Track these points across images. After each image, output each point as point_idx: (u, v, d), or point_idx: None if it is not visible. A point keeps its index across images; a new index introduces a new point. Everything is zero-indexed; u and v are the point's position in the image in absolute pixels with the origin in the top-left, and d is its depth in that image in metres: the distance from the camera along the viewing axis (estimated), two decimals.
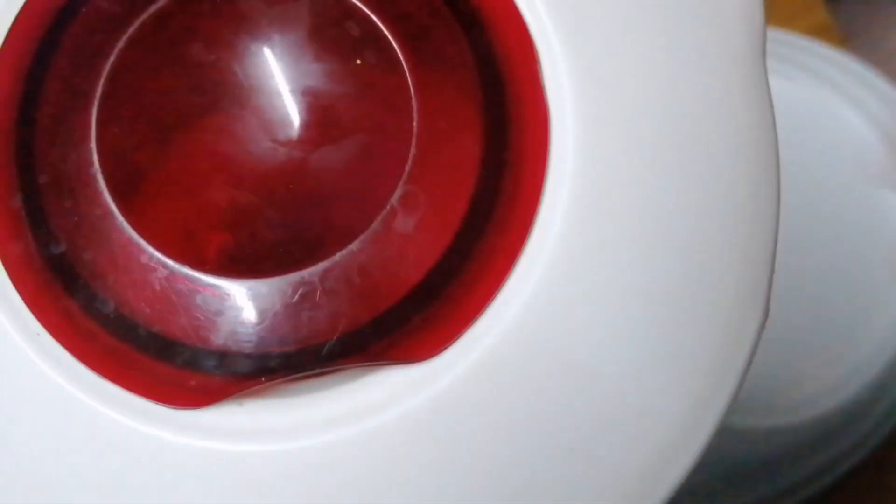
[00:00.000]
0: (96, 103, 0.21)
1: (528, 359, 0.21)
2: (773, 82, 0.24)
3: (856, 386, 0.51)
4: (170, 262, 0.21)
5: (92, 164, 0.21)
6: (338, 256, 0.21)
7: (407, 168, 0.21)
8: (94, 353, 0.21)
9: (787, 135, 0.25)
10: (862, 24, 0.71)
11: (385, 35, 0.21)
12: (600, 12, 0.22)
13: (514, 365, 0.21)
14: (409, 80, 0.21)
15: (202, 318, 0.21)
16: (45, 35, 0.22)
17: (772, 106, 0.24)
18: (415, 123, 0.21)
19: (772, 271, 0.24)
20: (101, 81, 0.21)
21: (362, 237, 0.21)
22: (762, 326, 0.23)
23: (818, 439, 0.52)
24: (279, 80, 0.22)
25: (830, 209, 0.55)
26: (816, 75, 0.57)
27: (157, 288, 0.21)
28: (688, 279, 0.22)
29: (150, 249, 0.21)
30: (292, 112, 0.22)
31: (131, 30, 0.22)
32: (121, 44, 0.21)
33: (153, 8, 0.22)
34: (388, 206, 0.21)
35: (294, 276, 0.21)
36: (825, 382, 0.52)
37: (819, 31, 0.63)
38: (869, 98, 0.57)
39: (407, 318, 0.21)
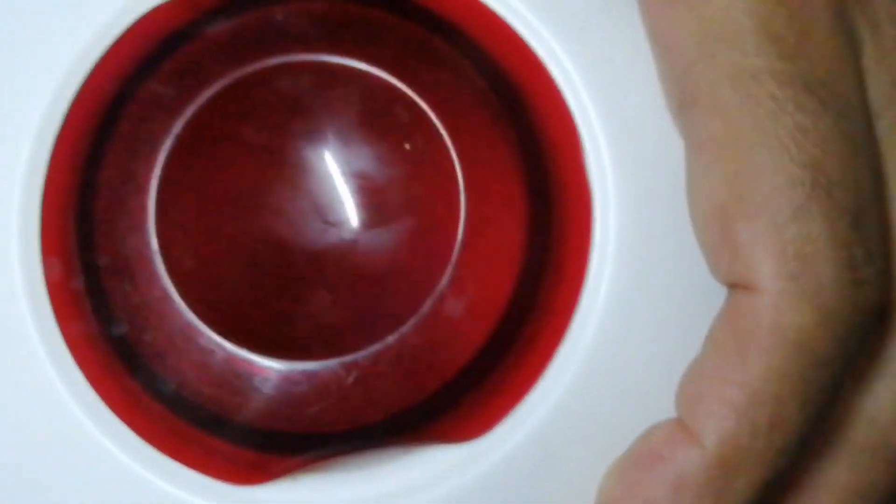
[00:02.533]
0: (154, 188, 0.22)
1: (573, 439, 0.22)
2: None
3: None
4: (228, 344, 0.22)
5: (150, 247, 0.22)
6: (390, 339, 0.21)
7: (455, 253, 0.22)
8: (156, 431, 0.22)
9: None
10: None
11: (433, 121, 0.22)
12: (640, 95, 0.22)
13: (559, 445, 0.22)
14: (456, 165, 0.22)
15: (259, 398, 0.22)
16: (100, 121, 0.23)
17: None
18: (462, 209, 0.22)
19: None
20: (158, 167, 0.22)
21: (413, 320, 0.22)
22: None
23: None
24: (330, 162, 0.23)
25: None
26: None
27: (216, 369, 0.22)
28: None
29: (209, 332, 0.22)
30: (343, 194, 0.22)
31: (187, 115, 0.22)
32: (176, 129, 0.22)
33: (208, 93, 0.22)
34: (438, 290, 0.22)
35: (348, 359, 0.21)
36: None
37: None
38: None
39: (455, 398, 0.22)
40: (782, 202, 0.19)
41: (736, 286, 0.20)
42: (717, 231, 0.20)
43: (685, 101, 0.20)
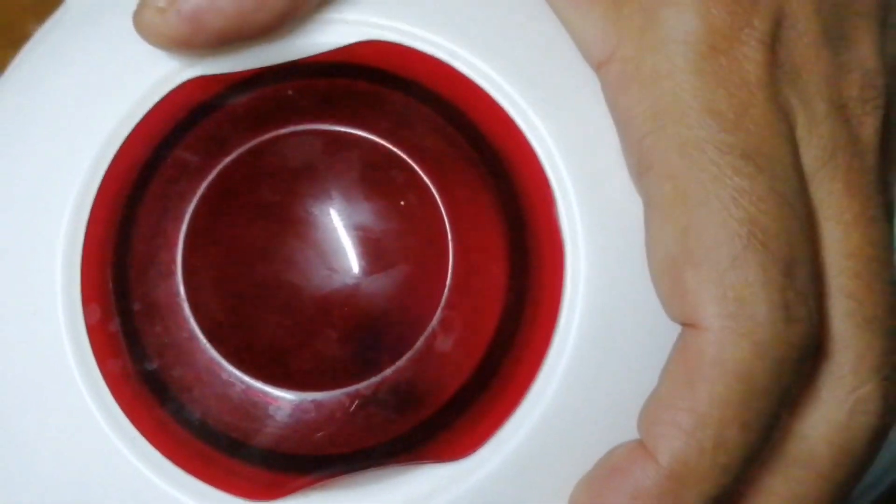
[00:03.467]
0: (181, 242, 0.25)
1: (549, 458, 0.24)
2: None
3: None
4: (246, 378, 0.25)
5: (178, 294, 0.25)
6: (388, 372, 0.24)
7: (445, 295, 0.25)
8: (183, 455, 0.25)
9: None
10: None
11: (425, 181, 0.25)
12: (607, 158, 0.25)
13: (536, 463, 0.24)
14: (445, 219, 0.25)
15: (274, 425, 0.25)
16: (134, 183, 0.26)
17: None
18: (450, 257, 0.25)
19: None
20: (185, 223, 0.25)
21: (408, 355, 0.24)
22: None
23: None
24: (335, 217, 0.26)
25: None
26: None
27: (236, 400, 0.25)
28: None
29: (229, 368, 0.25)
30: (346, 245, 0.25)
31: (210, 177, 0.25)
32: (200, 190, 0.25)
33: (228, 158, 0.26)
34: (430, 329, 0.25)
35: (351, 390, 0.24)
36: None
37: None
38: None
39: (446, 422, 0.25)
40: (722, 253, 0.22)
41: (686, 325, 0.23)
42: (669, 278, 0.23)
43: (641, 167, 0.23)
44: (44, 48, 0.28)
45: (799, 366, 0.23)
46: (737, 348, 0.22)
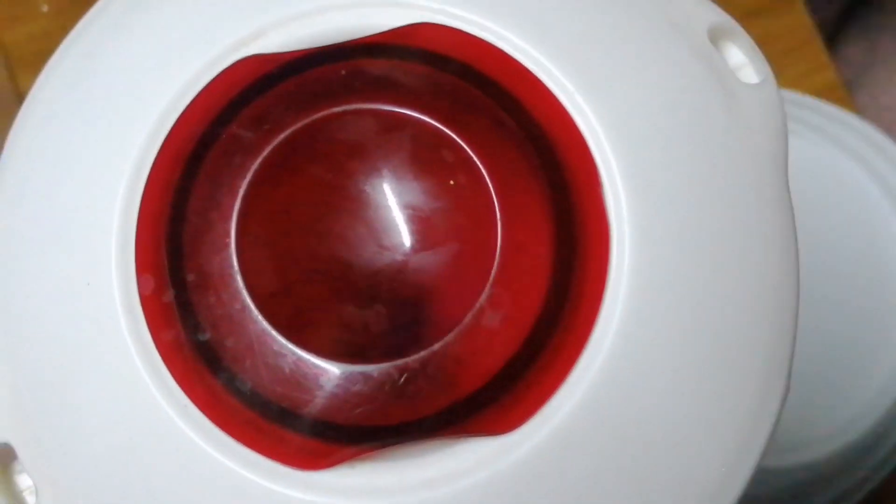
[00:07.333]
0: (235, 216, 0.26)
1: (594, 432, 0.25)
2: None
3: (864, 424, 0.55)
4: (297, 349, 0.25)
5: (232, 266, 0.26)
6: (437, 346, 0.25)
7: (493, 272, 0.25)
8: (234, 423, 0.25)
9: (794, 190, 0.29)
10: (864, 78, 0.75)
11: (475, 162, 0.26)
12: (652, 140, 0.26)
13: (581, 437, 0.25)
14: (494, 199, 0.26)
15: (323, 396, 0.25)
16: (189, 158, 0.26)
17: (792, 211, 0.28)
18: (499, 236, 0.25)
19: (792, 352, 0.28)
20: (239, 198, 0.26)
21: (456, 330, 0.25)
22: (785, 396, 0.28)
23: (828, 475, 0.56)
24: (386, 195, 0.26)
25: (837, 262, 0.59)
26: (824, 134, 0.61)
27: (287, 371, 0.25)
28: (726, 361, 0.26)
29: (281, 339, 0.25)
30: (396, 222, 0.26)
31: (264, 154, 0.26)
32: (255, 166, 0.26)
33: (282, 135, 0.26)
34: (478, 305, 0.25)
35: (400, 363, 0.25)
36: (836, 422, 0.56)
37: (826, 91, 0.67)
38: (874, 156, 0.60)
39: (492, 397, 0.25)
40: None
41: None
42: None
43: None
44: (102, 22, 0.29)
45: None
46: None
